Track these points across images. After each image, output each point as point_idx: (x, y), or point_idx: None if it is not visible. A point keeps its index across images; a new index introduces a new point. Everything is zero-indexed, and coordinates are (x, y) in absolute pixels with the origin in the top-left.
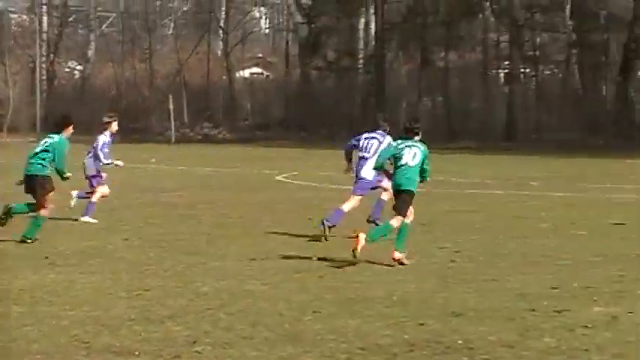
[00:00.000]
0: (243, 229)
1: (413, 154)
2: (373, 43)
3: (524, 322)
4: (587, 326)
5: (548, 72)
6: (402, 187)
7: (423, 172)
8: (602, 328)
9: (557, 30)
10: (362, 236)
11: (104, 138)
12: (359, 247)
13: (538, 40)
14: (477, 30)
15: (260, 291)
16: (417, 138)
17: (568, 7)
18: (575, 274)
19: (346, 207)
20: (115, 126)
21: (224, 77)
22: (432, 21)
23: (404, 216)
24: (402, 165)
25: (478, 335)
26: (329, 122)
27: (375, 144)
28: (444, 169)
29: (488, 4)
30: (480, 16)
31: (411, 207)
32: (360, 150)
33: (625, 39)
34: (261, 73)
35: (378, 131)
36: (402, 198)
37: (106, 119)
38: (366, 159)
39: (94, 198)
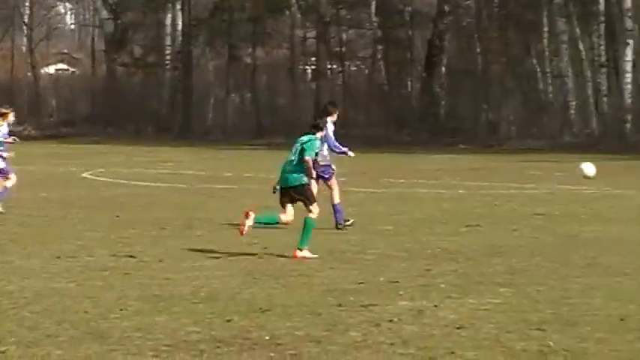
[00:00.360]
0: (49, 228)
1: (295, 149)
2: (180, 38)
3: (332, 317)
4: (392, 320)
5: (354, 68)
6: (289, 184)
7: (302, 152)
8: (407, 322)
9: (363, 26)
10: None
11: (3, 129)
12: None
13: (344, 36)
14: (283, 26)
15: (66, 289)
16: (318, 135)
17: (373, 3)
18: (381, 268)
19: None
20: (12, 117)
21: (29, 74)
22: (239, 17)
23: (315, 201)
24: (289, 160)
25: (285, 331)
26: (135, 118)
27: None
28: (253, 165)
29: (294, 0)
30: (287, 12)
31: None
32: None
33: (429, 35)
34: (67, 70)
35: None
36: (300, 194)
37: (3, 110)
38: None
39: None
